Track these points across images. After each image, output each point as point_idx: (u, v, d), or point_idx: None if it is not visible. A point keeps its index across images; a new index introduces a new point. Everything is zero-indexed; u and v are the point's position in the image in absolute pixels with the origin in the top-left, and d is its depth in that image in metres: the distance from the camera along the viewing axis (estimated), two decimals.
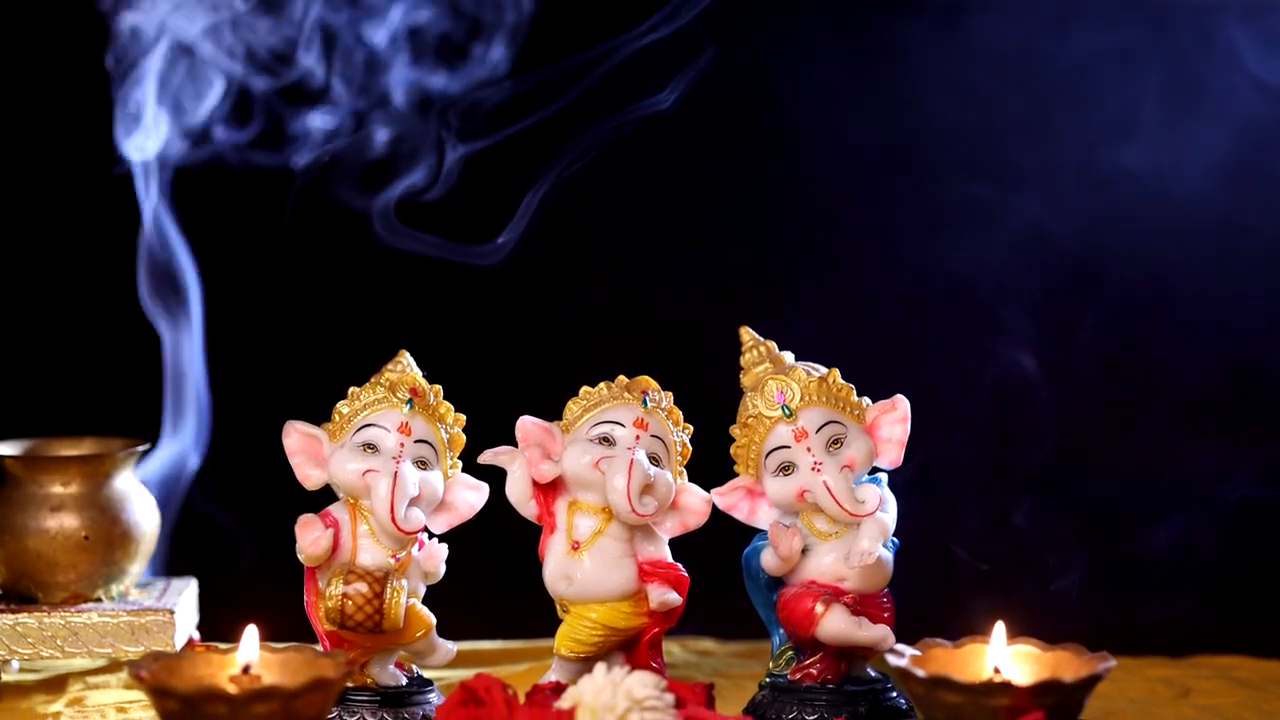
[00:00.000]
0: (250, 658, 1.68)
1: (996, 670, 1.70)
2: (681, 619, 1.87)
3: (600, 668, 1.67)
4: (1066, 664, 1.70)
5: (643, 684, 1.65)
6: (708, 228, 2.52)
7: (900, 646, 1.72)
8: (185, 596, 2.03)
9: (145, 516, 2.03)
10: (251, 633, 1.69)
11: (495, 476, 1.88)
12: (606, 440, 1.85)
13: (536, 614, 1.94)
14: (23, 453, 2.03)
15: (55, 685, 2.02)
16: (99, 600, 2.00)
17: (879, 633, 1.83)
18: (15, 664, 2.06)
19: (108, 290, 2.31)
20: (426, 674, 1.90)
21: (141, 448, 2.04)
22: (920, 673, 1.64)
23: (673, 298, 2.49)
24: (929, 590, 2.02)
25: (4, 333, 2.46)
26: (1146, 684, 2.00)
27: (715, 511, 1.89)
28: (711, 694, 1.75)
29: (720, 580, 1.94)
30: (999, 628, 1.72)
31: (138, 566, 2.03)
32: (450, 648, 1.87)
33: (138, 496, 2.03)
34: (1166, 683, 2.00)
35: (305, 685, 1.60)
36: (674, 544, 1.89)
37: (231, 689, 1.61)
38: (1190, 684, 1.99)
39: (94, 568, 1.99)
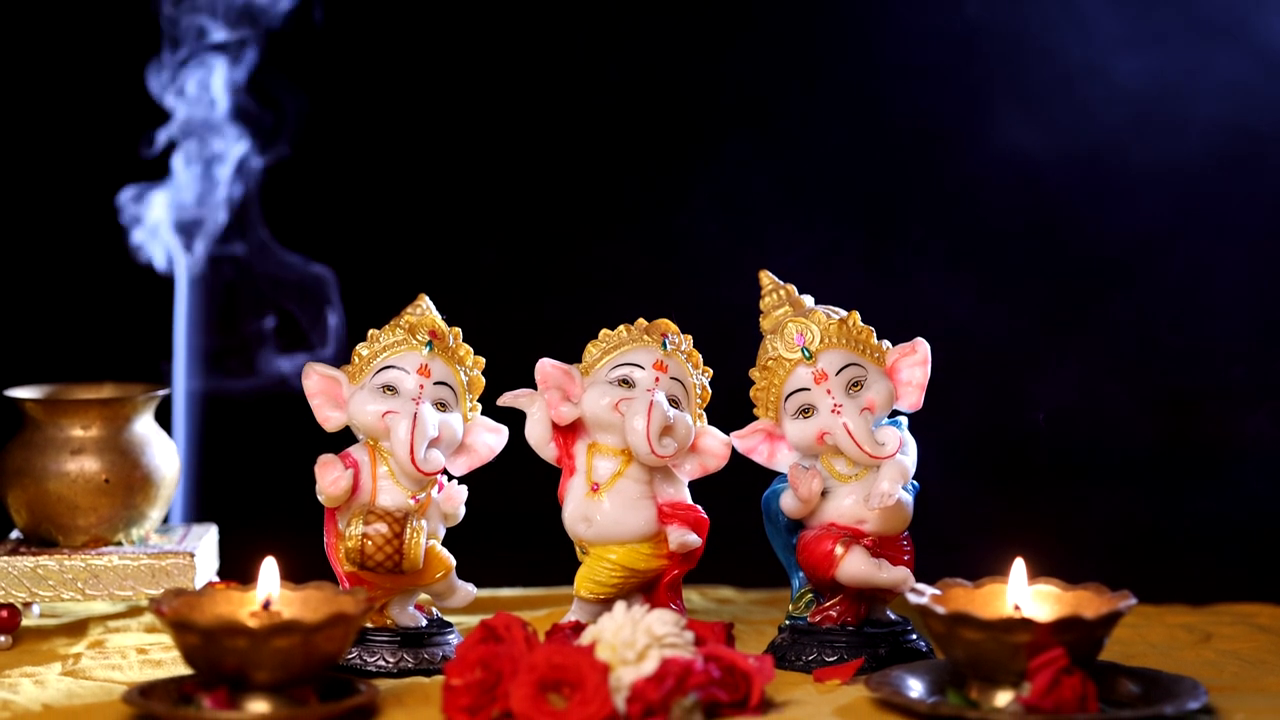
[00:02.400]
0: (270, 591, 1.68)
1: (1017, 607, 1.70)
2: (701, 561, 1.87)
3: (620, 606, 1.67)
4: (1087, 602, 1.69)
5: (663, 621, 1.65)
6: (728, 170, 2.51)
7: (920, 586, 1.71)
8: (205, 541, 2.04)
9: (165, 461, 2.03)
10: (270, 565, 1.69)
11: (515, 419, 1.88)
12: (626, 382, 1.85)
13: (556, 558, 1.94)
14: (43, 396, 2.03)
15: (76, 629, 2.02)
16: (119, 544, 2.00)
17: (899, 574, 1.82)
18: (36, 608, 2.06)
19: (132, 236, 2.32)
20: (446, 616, 1.90)
21: (162, 392, 2.04)
22: (940, 610, 1.64)
23: (693, 240, 2.48)
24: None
25: (27, 278, 2.46)
26: (1167, 629, 1.99)
27: (735, 458, 1.88)
28: (731, 633, 1.75)
29: (740, 525, 1.94)
30: (1018, 565, 1.72)
31: (158, 511, 2.03)
32: (470, 589, 1.87)
33: (158, 441, 2.03)
34: (1187, 628, 1.99)
35: (325, 620, 1.61)
36: (693, 488, 1.89)
37: (252, 623, 1.61)
38: (1211, 630, 1.98)
39: (114, 511, 1.99)
